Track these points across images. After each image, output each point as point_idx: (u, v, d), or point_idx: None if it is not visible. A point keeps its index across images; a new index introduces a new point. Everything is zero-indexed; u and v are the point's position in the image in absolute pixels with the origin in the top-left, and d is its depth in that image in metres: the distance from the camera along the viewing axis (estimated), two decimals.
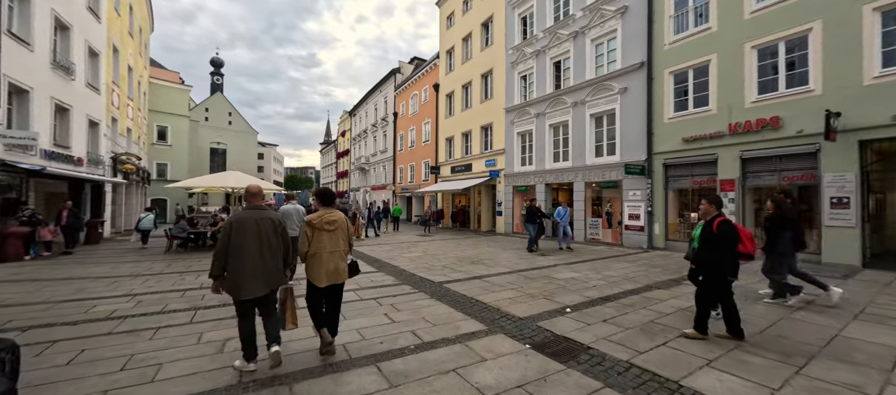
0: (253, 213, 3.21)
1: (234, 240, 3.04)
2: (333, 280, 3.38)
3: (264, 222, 3.18)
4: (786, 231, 4.90)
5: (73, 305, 5.08)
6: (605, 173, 12.71)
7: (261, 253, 3.10)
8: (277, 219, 3.31)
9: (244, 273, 3.01)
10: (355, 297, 5.60)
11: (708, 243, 3.67)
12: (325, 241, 3.34)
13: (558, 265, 8.48)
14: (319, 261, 3.31)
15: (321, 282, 3.31)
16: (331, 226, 3.39)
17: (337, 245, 3.41)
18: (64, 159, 11.60)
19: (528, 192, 16.39)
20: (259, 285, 3.06)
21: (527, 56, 16.02)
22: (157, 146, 28.86)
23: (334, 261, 3.37)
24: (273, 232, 3.20)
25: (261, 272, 3.08)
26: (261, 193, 3.42)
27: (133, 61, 19.19)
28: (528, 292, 5.84)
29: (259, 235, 3.11)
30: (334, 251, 3.38)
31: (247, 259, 3.03)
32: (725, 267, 3.59)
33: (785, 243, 4.92)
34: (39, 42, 10.34)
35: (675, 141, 10.76)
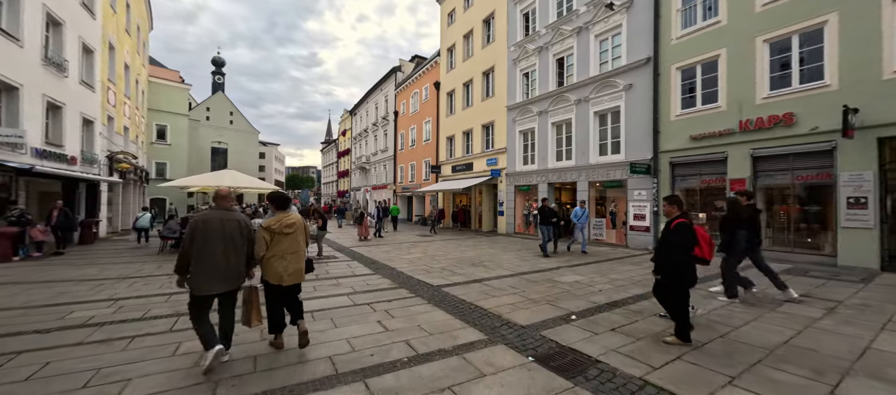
0: (219, 213, 3.25)
1: (200, 239, 3.10)
2: (296, 280, 3.53)
3: (230, 223, 3.23)
4: (741, 230, 5.12)
5: (50, 310, 4.82)
6: (610, 172, 12.38)
7: (225, 253, 3.16)
8: (244, 220, 3.35)
9: (207, 271, 3.10)
10: (349, 302, 5.32)
11: (665, 245, 3.57)
12: (286, 243, 3.46)
13: (561, 268, 8.17)
14: (282, 262, 3.43)
15: (285, 281, 3.43)
16: (289, 229, 3.49)
17: (298, 246, 3.55)
18: (56, 158, 11.37)
19: (530, 191, 16.08)
20: (221, 283, 3.16)
21: (529, 53, 15.69)
22: (156, 145, 28.68)
23: (296, 262, 3.52)
24: (238, 233, 3.27)
25: (224, 271, 3.16)
26: (230, 195, 3.44)
27: (130, 59, 18.97)
28: (530, 297, 5.54)
29: (224, 235, 3.18)
30: (296, 252, 3.52)
31: (210, 258, 3.10)
32: (682, 272, 3.46)
33: (740, 242, 5.13)
34: (30, 37, 10.10)
35: (682, 139, 10.42)
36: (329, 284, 6.55)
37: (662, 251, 3.62)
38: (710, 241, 3.71)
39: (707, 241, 3.66)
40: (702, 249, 3.60)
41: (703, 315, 4.61)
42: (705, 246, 3.63)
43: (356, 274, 7.50)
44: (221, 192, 3.41)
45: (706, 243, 3.65)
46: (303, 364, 3.24)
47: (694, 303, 4.21)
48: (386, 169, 32.37)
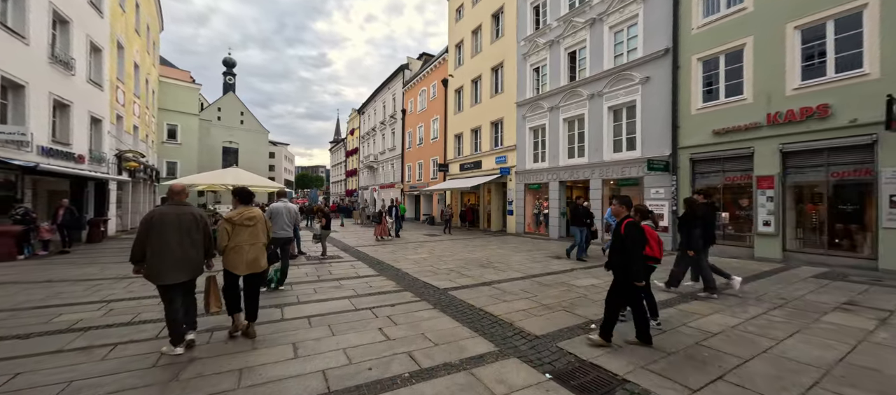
0: (175, 208, 3.47)
1: (156, 232, 3.30)
2: (253, 269, 3.77)
3: (186, 217, 3.45)
4: (696, 229, 5.39)
5: (38, 313, 4.60)
6: (625, 170, 11.85)
7: (181, 244, 3.37)
8: (199, 214, 3.55)
9: (165, 262, 3.29)
10: (349, 306, 4.99)
11: (616, 245, 3.53)
12: (245, 235, 3.74)
13: (575, 270, 7.73)
14: (240, 252, 3.70)
15: (241, 270, 3.70)
16: (250, 222, 3.79)
17: (256, 238, 3.81)
18: (63, 156, 11.35)
19: (540, 190, 15.60)
20: (179, 272, 3.36)
21: (539, 47, 15.20)
22: (167, 144, 28.96)
23: (254, 252, 3.77)
24: (194, 227, 3.49)
25: (181, 261, 3.36)
26: (184, 191, 3.66)
27: (140, 59, 19.06)
28: (544, 303, 5.13)
29: (180, 228, 3.38)
30: (254, 244, 3.78)
31: (167, 249, 3.30)
32: (629, 270, 3.39)
33: (696, 241, 5.41)
34: (36, 35, 10.05)
35: (703, 134, 9.84)
36: (330, 286, 6.25)
37: (615, 252, 3.55)
38: (660, 240, 3.65)
39: (656, 239, 3.59)
40: (652, 248, 3.56)
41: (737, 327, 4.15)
42: (655, 245, 3.58)
43: (359, 275, 7.19)
44: (175, 188, 3.61)
45: (655, 242, 3.59)
46: (293, 379, 2.91)
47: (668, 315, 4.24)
48: (393, 168, 32.15)
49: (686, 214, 5.49)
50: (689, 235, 5.40)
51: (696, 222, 5.38)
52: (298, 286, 6.15)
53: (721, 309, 4.82)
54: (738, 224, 9.60)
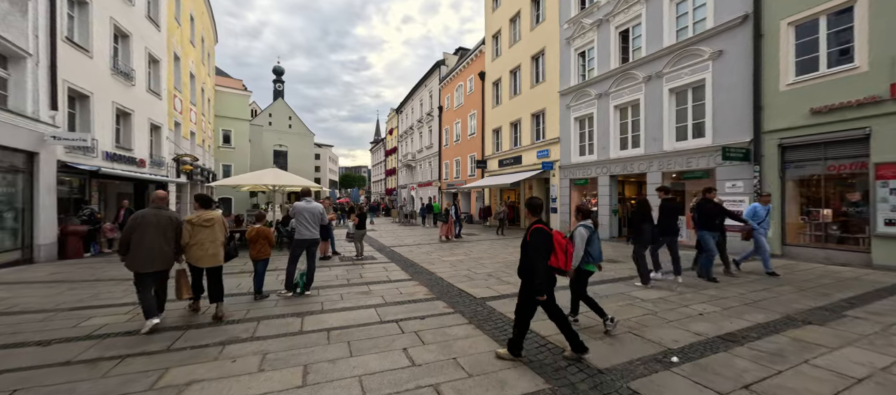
0: (154, 211, 4.20)
1: (138, 230, 4.02)
2: (213, 263, 4.44)
3: (162, 219, 4.18)
4: (646, 224, 5.82)
5: (72, 316, 4.60)
6: (691, 161, 10.27)
7: (158, 241, 4.08)
8: (174, 217, 4.32)
9: (143, 255, 4.01)
10: (375, 317, 4.46)
11: (523, 253, 3.26)
12: (204, 234, 4.38)
13: (634, 277, 6.61)
14: (201, 248, 4.35)
15: (203, 264, 4.40)
16: (208, 223, 4.43)
17: (215, 237, 4.45)
18: (126, 161, 12.23)
19: (587, 185, 14.26)
20: (155, 264, 4.07)
21: (585, 28, 13.84)
22: (222, 149, 31.11)
23: (213, 248, 4.42)
24: (169, 227, 4.21)
25: (157, 255, 4.07)
26: (166, 198, 4.41)
27: (195, 69, 20.41)
28: (602, 321, 4.22)
29: (158, 228, 4.11)
30: (213, 241, 4.43)
31: (146, 245, 4.02)
32: (538, 280, 3.09)
33: (645, 234, 5.81)
34: (98, 49, 10.84)
35: (797, 114, 8.12)
36: (359, 291, 5.80)
37: (523, 258, 3.27)
38: (568, 249, 3.31)
39: (563, 248, 3.23)
40: (558, 257, 3.19)
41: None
42: (561, 254, 3.21)
43: (391, 280, 6.70)
44: (158, 194, 4.34)
45: (562, 251, 3.21)
46: None
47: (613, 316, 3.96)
48: (431, 166, 31.87)
49: (635, 211, 6.09)
50: (639, 230, 5.87)
51: (647, 218, 5.90)
52: (325, 292, 5.77)
53: (857, 338, 3.60)
54: (846, 225, 7.80)
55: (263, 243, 5.39)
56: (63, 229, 9.16)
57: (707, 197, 6.62)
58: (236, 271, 7.34)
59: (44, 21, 8.66)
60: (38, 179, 8.56)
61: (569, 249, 3.28)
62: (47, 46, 8.78)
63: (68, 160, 9.51)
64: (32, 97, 8.36)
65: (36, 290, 6.03)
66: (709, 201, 6.58)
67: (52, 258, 8.79)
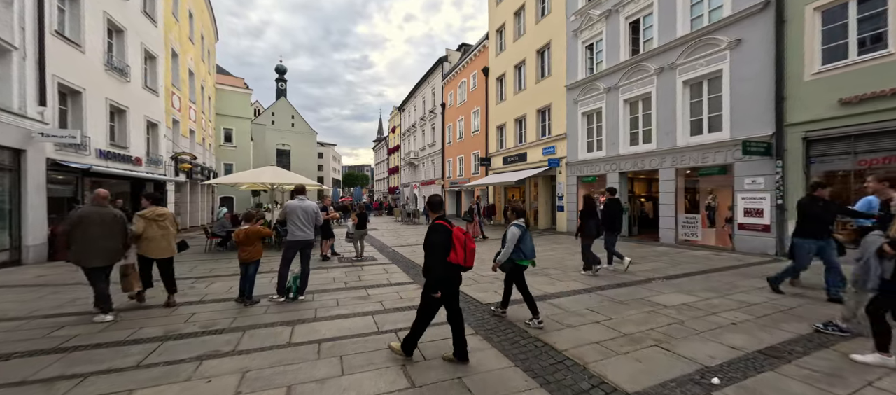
0: (97, 208, 4.40)
1: (80, 227, 4.22)
2: (165, 254, 4.82)
3: (106, 216, 4.39)
4: (592, 220, 6.62)
5: (43, 324, 4.24)
6: (707, 156, 9.78)
7: (103, 236, 4.30)
8: (119, 215, 4.52)
9: (88, 250, 4.23)
10: (372, 327, 4.06)
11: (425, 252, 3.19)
12: (156, 228, 4.74)
13: (653, 280, 6.18)
14: (154, 241, 4.71)
15: (156, 255, 4.75)
16: (160, 218, 4.80)
17: (166, 230, 4.83)
18: (121, 159, 11.92)
19: (596, 182, 13.78)
20: (100, 258, 4.30)
21: (593, 19, 13.33)
22: (224, 148, 30.87)
23: (166, 241, 4.80)
24: (115, 223, 4.43)
25: (101, 250, 4.29)
26: (107, 196, 4.58)
27: (194, 66, 20.11)
28: (625, 332, 3.80)
29: (102, 224, 4.32)
30: (165, 234, 4.80)
31: (90, 240, 4.23)
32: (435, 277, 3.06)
33: (590, 228, 6.59)
34: (91, 43, 10.51)
35: (824, 105, 7.61)
36: (356, 296, 5.40)
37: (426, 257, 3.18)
38: (469, 245, 3.17)
39: (462, 243, 3.12)
40: (457, 253, 3.08)
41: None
42: (460, 249, 3.10)
43: (391, 283, 6.30)
44: (99, 193, 4.51)
45: (461, 246, 3.11)
46: None
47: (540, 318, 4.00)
48: (434, 164, 31.47)
49: (584, 209, 6.77)
50: (585, 225, 6.65)
51: (592, 215, 6.70)
52: (321, 296, 5.38)
53: None
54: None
55: (254, 244, 5.01)
56: (53, 229, 8.85)
57: (816, 195, 4.97)
58: (230, 273, 6.99)
59: (31, 13, 8.33)
60: (26, 177, 8.24)
61: (469, 245, 3.16)
62: (35, 40, 8.45)
63: (59, 158, 9.20)
64: (19, 92, 8.03)
65: (16, 294, 5.69)
66: (821, 198, 4.96)
67: (41, 260, 8.49)
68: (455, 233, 3.10)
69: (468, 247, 3.14)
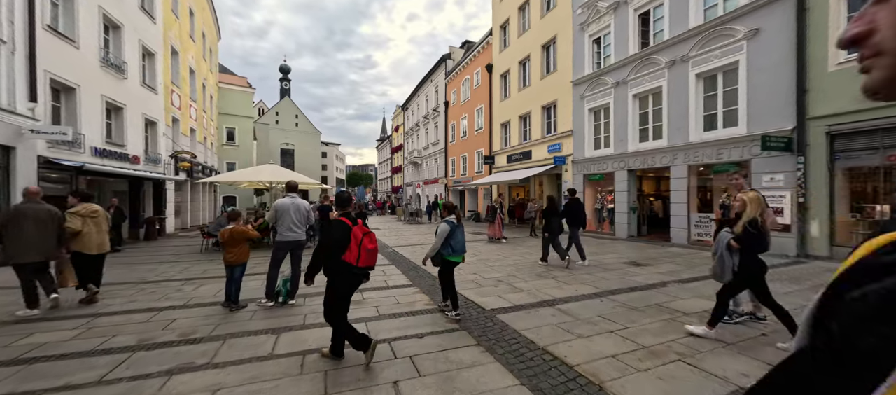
0: (30, 204, 4.48)
1: (13, 223, 4.34)
2: (100, 250, 5.00)
3: (40, 212, 4.48)
4: (555, 218, 7.56)
5: (13, 331, 3.95)
6: (722, 152, 9.32)
7: (37, 232, 4.39)
8: (54, 211, 4.61)
9: (21, 246, 4.32)
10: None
11: None
12: (92, 224, 4.91)
13: (669, 283, 5.78)
14: (90, 238, 4.87)
15: (92, 251, 4.90)
16: (94, 215, 4.98)
17: (101, 227, 5.04)
18: (118, 157, 11.72)
19: (603, 180, 13.35)
20: (34, 254, 4.39)
21: (601, 12, 12.89)
22: (226, 147, 30.79)
23: (100, 237, 5.00)
24: (48, 219, 4.51)
25: (35, 246, 4.38)
26: (39, 193, 4.67)
27: (196, 64, 19.94)
28: (644, 344, 3.41)
29: (35, 220, 4.40)
30: (99, 231, 5.01)
31: (23, 236, 4.32)
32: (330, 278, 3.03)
33: (554, 225, 7.47)
34: (86, 39, 10.30)
35: (849, 97, 7.14)
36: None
37: None
38: (366, 245, 3.03)
39: (357, 241, 2.98)
40: (351, 252, 2.96)
41: None
42: (355, 248, 2.97)
43: (388, 285, 5.97)
44: (30, 189, 4.60)
45: (357, 245, 2.98)
46: None
47: None
48: (437, 163, 31.12)
49: (547, 208, 7.66)
50: (549, 222, 7.47)
51: (555, 213, 7.58)
52: (313, 300, 5.04)
53: None
54: None
55: (239, 245, 4.69)
56: None
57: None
58: (220, 276, 6.69)
59: (21, 5, 8.10)
60: (16, 175, 8.03)
61: (368, 245, 3.06)
62: (25, 33, 8.22)
63: (51, 156, 8.98)
64: (7, 88, 7.81)
65: None
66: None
67: None
68: (353, 232, 3.01)
69: (365, 247, 3.02)
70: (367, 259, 3.07)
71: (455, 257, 4.23)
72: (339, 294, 3.05)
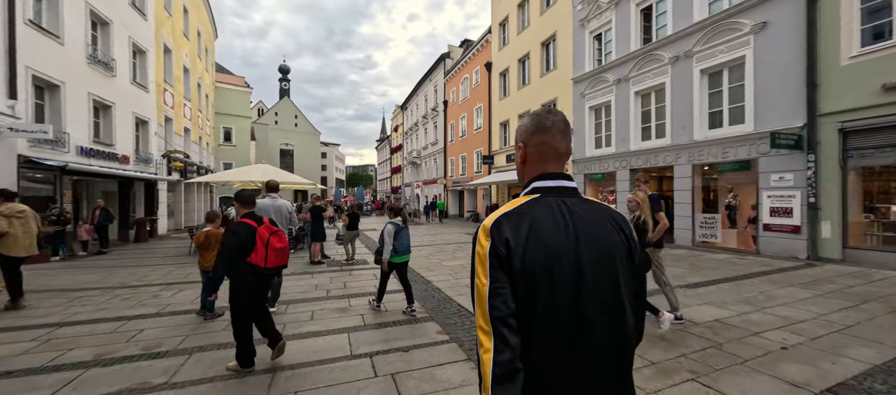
0: None
1: None
2: (29, 252, 4.81)
3: None
4: None
5: None
6: (727, 151, 8.99)
7: None
8: None
9: None
10: (345, 349, 3.40)
11: None
12: (18, 225, 4.70)
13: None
14: (16, 239, 4.65)
15: (20, 253, 4.69)
16: (20, 215, 4.77)
17: (29, 228, 4.83)
18: (106, 157, 11.41)
19: (605, 180, 13.02)
20: None
21: (602, 8, 12.57)
22: (223, 147, 30.49)
23: (28, 239, 4.80)
24: None
25: None
26: None
27: (190, 63, 19.63)
28: (650, 359, 3.09)
29: None
30: (27, 232, 4.79)
31: None
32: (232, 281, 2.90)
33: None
34: (71, 35, 10.00)
35: (863, 92, 6.82)
36: (336, 307, 4.75)
37: None
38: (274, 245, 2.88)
39: (264, 241, 2.84)
40: (258, 252, 2.83)
41: None
42: (262, 248, 2.83)
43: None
44: None
45: (263, 245, 2.84)
46: None
47: None
48: (436, 163, 30.81)
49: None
50: None
51: None
52: (296, 307, 4.74)
53: None
54: None
55: (215, 249, 4.37)
56: None
57: None
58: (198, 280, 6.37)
59: None
60: None
61: (275, 244, 2.93)
62: (4, 28, 7.92)
63: (33, 155, 8.67)
64: None
65: None
66: None
67: None
68: (259, 232, 2.89)
69: (272, 246, 2.91)
70: (276, 259, 2.96)
71: (398, 257, 4.33)
72: (248, 298, 2.91)
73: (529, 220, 0.86)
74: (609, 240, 0.89)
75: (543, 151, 0.99)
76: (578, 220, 0.88)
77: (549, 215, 0.88)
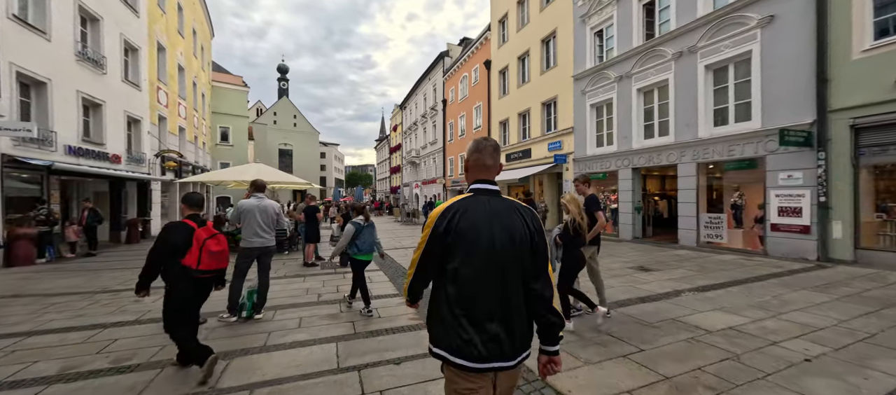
0: None
1: None
2: None
3: None
4: None
5: None
6: (733, 148, 8.74)
7: None
8: None
9: None
10: (332, 362, 3.15)
11: None
12: None
13: (683, 292, 5.19)
14: None
15: None
16: None
17: None
18: (96, 156, 11.15)
19: (606, 179, 12.77)
20: None
21: (603, 3, 12.31)
22: (220, 147, 30.21)
23: None
24: None
25: None
26: None
27: (185, 61, 19.36)
28: (663, 373, 2.83)
29: None
30: None
31: None
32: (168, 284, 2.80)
33: None
34: (58, 31, 9.74)
35: (876, 87, 6.56)
36: (325, 313, 4.49)
37: None
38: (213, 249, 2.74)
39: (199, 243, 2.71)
40: (192, 254, 2.69)
41: None
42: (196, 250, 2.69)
43: (372, 295, 5.37)
44: None
45: (198, 247, 2.70)
46: None
47: None
48: (435, 162, 30.54)
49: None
50: None
51: None
52: (283, 313, 4.49)
53: None
54: None
55: None
56: (10, 231, 8.07)
57: None
58: None
59: None
60: None
61: (212, 247, 2.79)
62: None
63: (17, 154, 8.40)
64: None
65: None
66: None
67: None
68: (196, 233, 2.76)
69: (207, 249, 2.76)
70: (210, 262, 2.81)
71: (361, 255, 4.39)
72: (178, 301, 2.80)
73: (465, 207, 1.35)
74: (512, 224, 1.34)
75: (478, 165, 1.46)
76: (494, 210, 1.35)
77: (478, 205, 1.35)
